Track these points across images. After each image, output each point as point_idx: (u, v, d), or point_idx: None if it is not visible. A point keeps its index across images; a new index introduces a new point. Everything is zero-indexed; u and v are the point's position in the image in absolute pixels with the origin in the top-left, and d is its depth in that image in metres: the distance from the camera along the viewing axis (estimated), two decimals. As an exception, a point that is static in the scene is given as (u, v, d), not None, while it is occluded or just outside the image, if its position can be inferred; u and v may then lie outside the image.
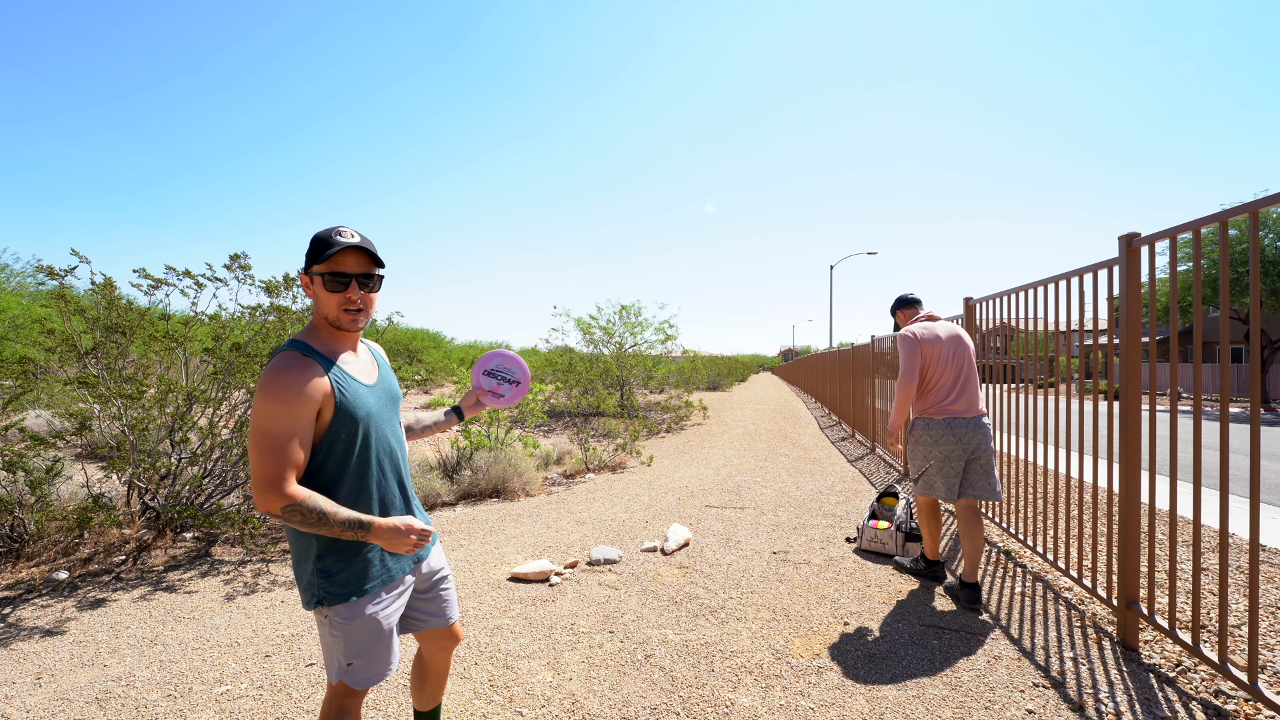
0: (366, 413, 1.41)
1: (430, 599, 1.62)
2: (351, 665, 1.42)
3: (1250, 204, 2.06)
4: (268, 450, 1.26)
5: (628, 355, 14.48)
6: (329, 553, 1.38)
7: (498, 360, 1.93)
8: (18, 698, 2.41)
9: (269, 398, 1.27)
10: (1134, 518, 2.65)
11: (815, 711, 2.20)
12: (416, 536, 1.39)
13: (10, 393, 4.11)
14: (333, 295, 1.37)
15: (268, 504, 1.26)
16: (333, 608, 1.38)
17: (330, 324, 1.41)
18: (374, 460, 1.44)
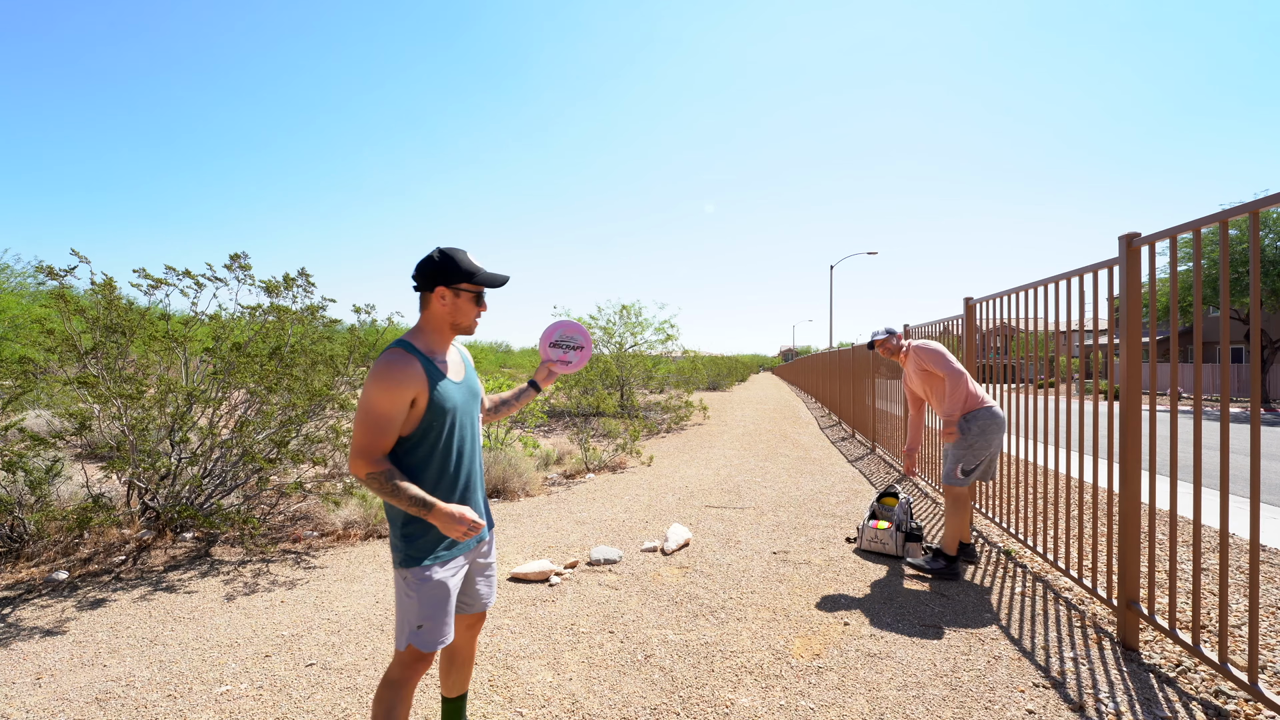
0: (453, 405, 1.62)
1: (478, 584, 1.82)
2: (421, 628, 1.58)
3: (1250, 204, 2.06)
4: (368, 426, 1.50)
5: (628, 355, 14.48)
6: (410, 520, 1.58)
7: (560, 330, 2.10)
8: (18, 698, 2.41)
9: (376, 383, 1.49)
10: (1134, 518, 2.64)
11: (815, 711, 2.20)
12: (467, 526, 1.55)
13: (10, 393, 4.11)
14: (475, 308, 1.65)
15: (356, 469, 1.51)
16: (410, 569, 1.57)
17: (457, 330, 1.66)
18: (456, 448, 1.65)
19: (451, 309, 1.61)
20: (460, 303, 1.62)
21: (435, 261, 1.59)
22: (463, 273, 1.59)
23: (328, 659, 2.62)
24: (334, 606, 3.27)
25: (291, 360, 4.84)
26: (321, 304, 5.37)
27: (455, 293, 1.60)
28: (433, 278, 1.59)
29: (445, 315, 1.62)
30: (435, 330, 1.63)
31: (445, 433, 1.61)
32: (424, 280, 1.60)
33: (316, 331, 5.36)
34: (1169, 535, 2.36)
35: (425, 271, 1.59)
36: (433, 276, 1.59)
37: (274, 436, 4.62)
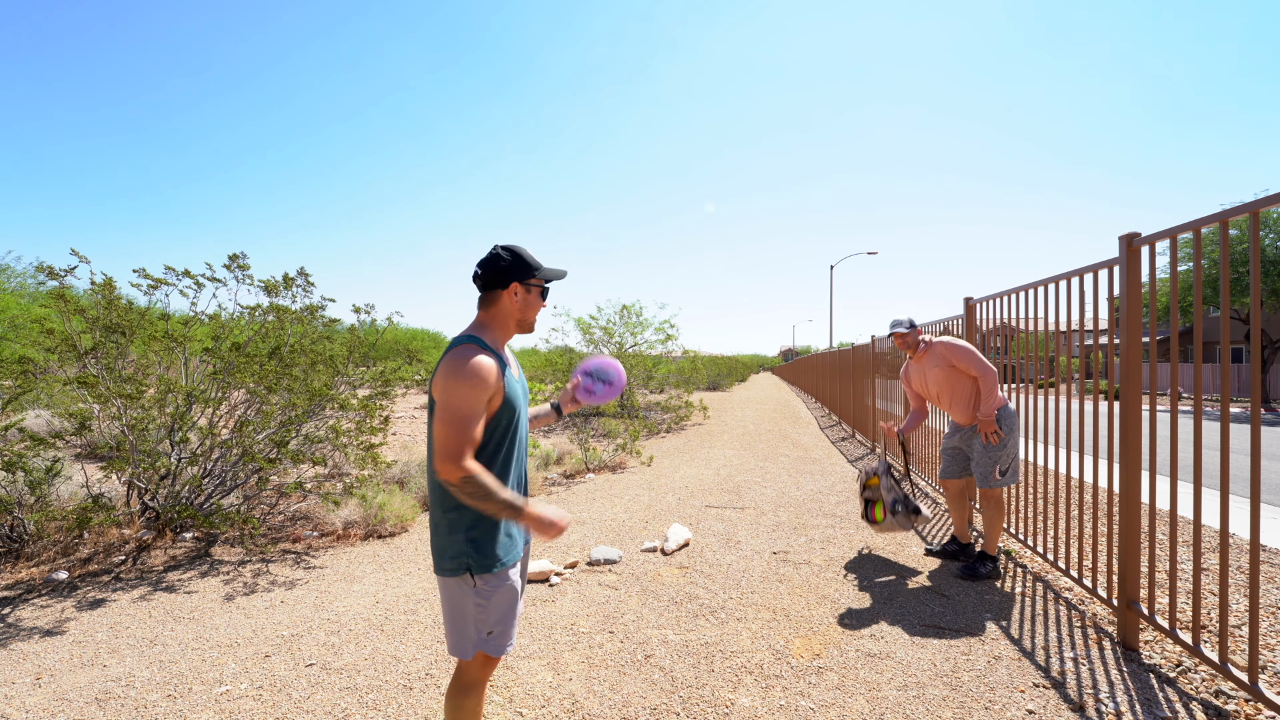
0: (519, 403, 1.64)
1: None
2: (492, 634, 1.57)
3: (1250, 204, 2.06)
4: (458, 426, 1.44)
5: (628, 355, 14.47)
6: (478, 525, 1.54)
7: (598, 363, 2.09)
8: (17, 698, 2.41)
9: (461, 381, 1.45)
10: (1134, 518, 2.64)
11: (815, 711, 2.20)
12: (561, 527, 1.52)
13: (10, 393, 4.10)
14: (540, 304, 1.67)
15: (449, 473, 1.43)
16: (481, 576, 1.53)
17: (522, 327, 1.66)
18: (518, 444, 1.65)
19: (522, 304, 1.63)
20: (530, 298, 1.64)
21: (507, 258, 1.60)
22: (532, 268, 1.62)
23: (327, 659, 2.62)
24: (334, 606, 3.26)
25: (291, 360, 4.84)
26: (321, 304, 5.37)
27: (527, 289, 1.63)
28: (506, 274, 1.60)
29: (514, 311, 1.63)
30: (500, 326, 1.64)
31: (512, 431, 1.61)
32: (496, 277, 1.60)
33: (316, 331, 5.36)
34: (1169, 535, 2.36)
35: (497, 268, 1.60)
36: (506, 273, 1.60)
37: (274, 436, 4.62)
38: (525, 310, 1.64)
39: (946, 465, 3.79)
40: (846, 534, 4.41)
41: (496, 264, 1.60)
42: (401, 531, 4.89)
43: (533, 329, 1.70)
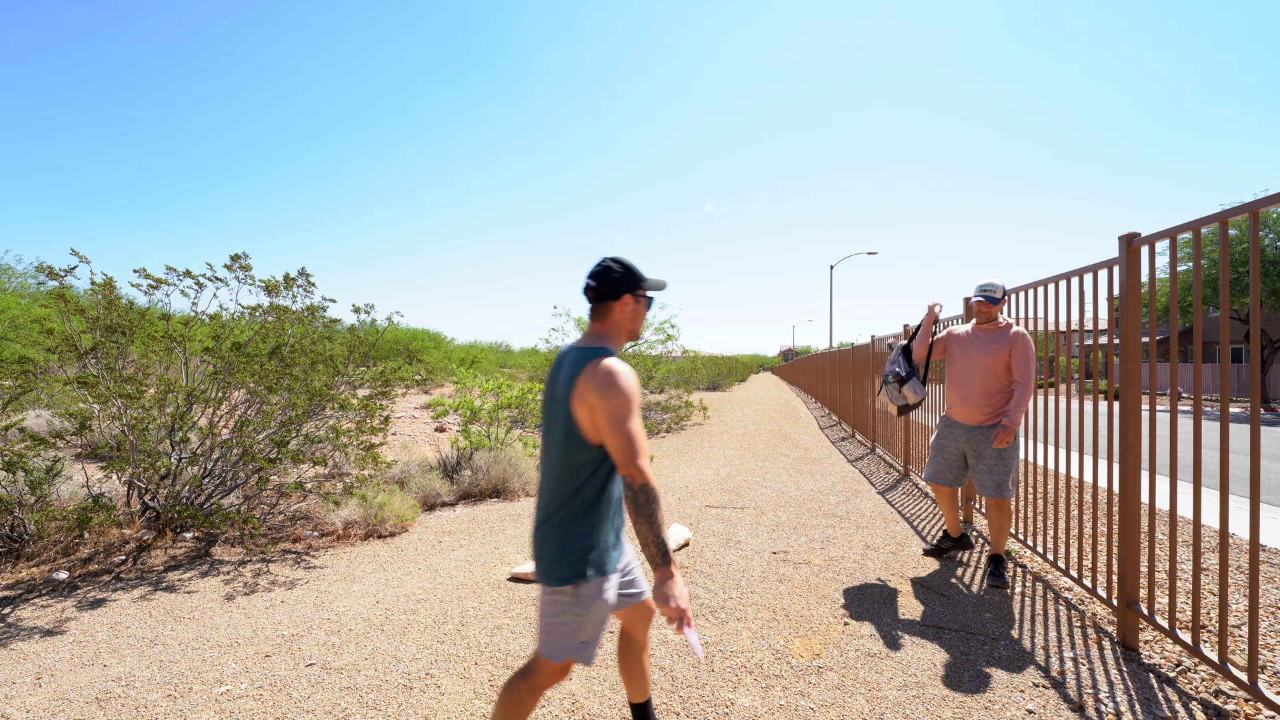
0: None
1: (627, 580, 1.77)
2: (585, 642, 1.58)
3: (1250, 204, 2.06)
4: (635, 431, 1.49)
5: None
6: (595, 534, 1.57)
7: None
8: (18, 697, 2.41)
9: (623, 388, 1.50)
10: (1134, 518, 2.64)
11: (815, 711, 2.20)
12: (675, 611, 1.50)
13: (10, 393, 4.11)
14: (645, 313, 1.73)
15: (644, 477, 1.47)
16: (590, 582, 1.55)
17: (632, 336, 1.71)
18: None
19: (632, 315, 1.68)
20: (639, 309, 1.69)
21: (619, 271, 1.64)
22: (640, 280, 1.67)
23: (328, 659, 2.63)
24: (334, 606, 3.27)
25: (291, 360, 4.85)
26: (321, 304, 5.38)
27: (637, 300, 1.67)
28: (618, 286, 1.64)
29: (626, 322, 1.68)
30: (616, 337, 1.68)
31: None
32: (609, 289, 1.64)
33: (316, 331, 5.36)
34: (1169, 535, 2.36)
35: (610, 280, 1.63)
36: (618, 285, 1.64)
37: (274, 436, 4.62)
38: (635, 320, 1.69)
39: (940, 469, 3.59)
40: (846, 534, 4.41)
41: (609, 276, 1.64)
42: (401, 531, 4.89)
43: (639, 338, 1.74)
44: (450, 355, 22.14)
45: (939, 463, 3.62)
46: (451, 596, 3.31)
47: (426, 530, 4.94)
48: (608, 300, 1.65)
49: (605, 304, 1.65)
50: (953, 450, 3.56)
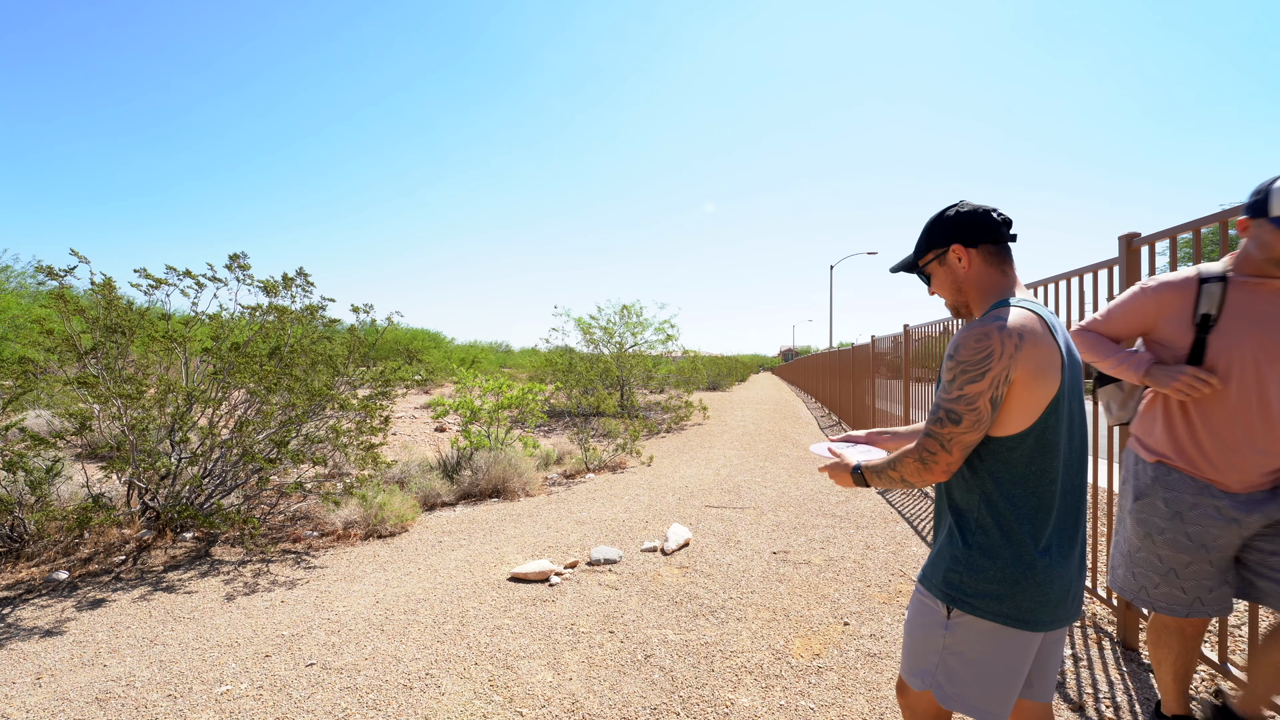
0: None
1: None
2: None
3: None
4: None
5: (628, 355, 14.48)
6: None
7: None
8: (18, 697, 2.41)
9: None
10: (1134, 518, 2.64)
11: (815, 711, 2.20)
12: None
13: (10, 393, 4.11)
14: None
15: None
16: None
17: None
18: None
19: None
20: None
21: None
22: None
23: (328, 659, 2.63)
24: (334, 606, 3.27)
25: (291, 360, 4.85)
26: (321, 304, 5.38)
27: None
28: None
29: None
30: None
31: None
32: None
33: (316, 331, 5.36)
34: (1169, 535, 2.36)
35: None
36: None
37: (274, 436, 4.62)
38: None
39: (1195, 588, 1.77)
40: (846, 534, 4.41)
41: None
42: (401, 531, 4.89)
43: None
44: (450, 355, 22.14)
45: (1195, 577, 1.77)
46: (451, 596, 3.31)
47: (426, 530, 4.94)
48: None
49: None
50: (1223, 544, 1.73)
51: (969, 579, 1.23)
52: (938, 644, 1.28)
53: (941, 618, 1.28)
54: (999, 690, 1.24)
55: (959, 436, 1.19)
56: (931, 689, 1.30)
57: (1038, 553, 1.20)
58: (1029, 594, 1.20)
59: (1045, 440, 1.20)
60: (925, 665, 1.31)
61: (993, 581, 1.21)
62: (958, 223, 1.32)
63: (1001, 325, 1.17)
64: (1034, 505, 1.21)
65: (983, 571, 1.22)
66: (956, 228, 1.32)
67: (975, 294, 1.34)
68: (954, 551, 1.27)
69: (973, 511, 1.25)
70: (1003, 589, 1.21)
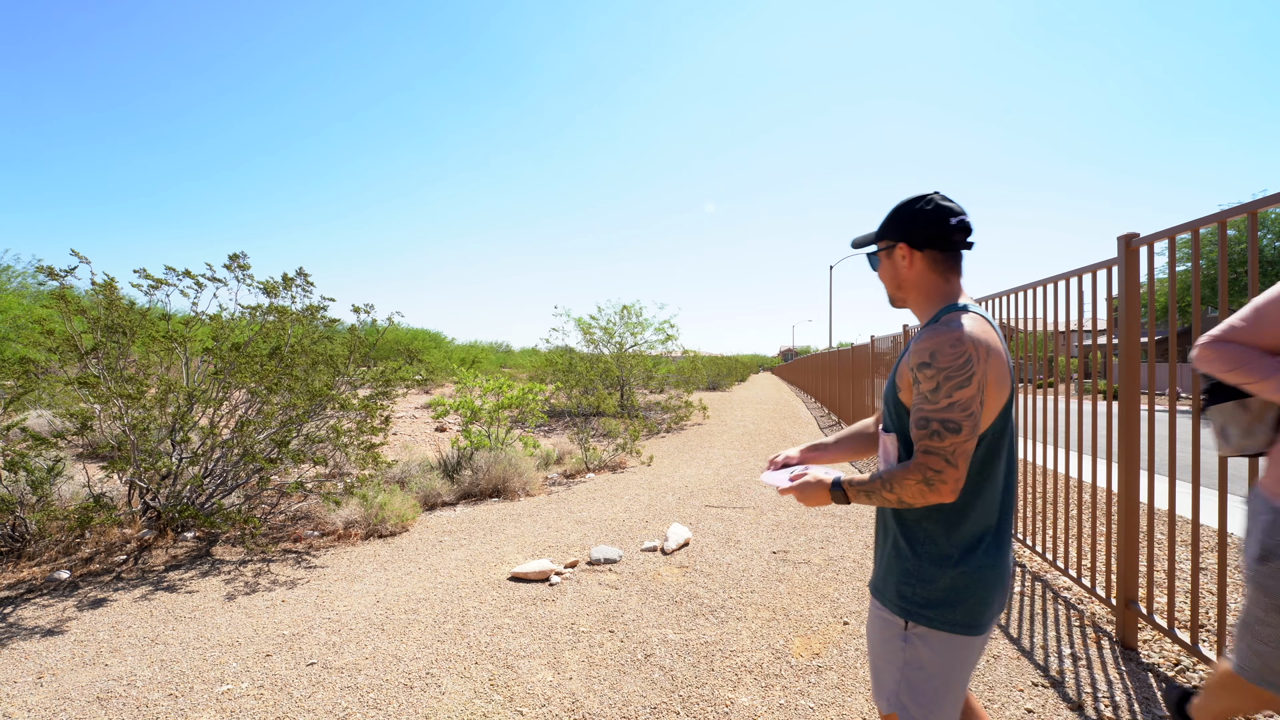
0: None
1: None
2: None
3: (1249, 204, 2.07)
4: None
5: (628, 355, 14.49)
6: None
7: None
8: (19, 697, 2.42)
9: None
10: (1133, 517, 2.65)
11: (815, 711, 2.21)
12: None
13: (12, 393, 4.11)
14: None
15: None
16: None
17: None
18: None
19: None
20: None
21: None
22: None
23: (328, 658, 2.63)
24: (334, 606, 3.27)
25: (291, 360, 4.85)
26: (321, 304, 5.39)
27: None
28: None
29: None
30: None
31: None
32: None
33: (316, 331, 5.37)
34: (1168, 535, 2.37)
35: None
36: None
37: (275, 436, 4.63)
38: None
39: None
40: (846, 534, 4.41)
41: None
42: (402, 531, 4.89)
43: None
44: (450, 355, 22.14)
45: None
46: (452, 596, 3.32)
47: (427, 530, 4.95)
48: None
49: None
50: None
51: (921, 590, 1.22)
52: (898, 659, 1.26)
53: (899, 630, 1.26)
54: (956, 701, 1.24)
55: (961, 447, 1.12)
56: (897, 711, 1.26)
57: (984, 556, 1.20)
58: (977, 598, 1.20)
59: (995, 446, 1.21)
60: (890, 685, 1.28)
61: (944, 590, 1.20)
62: (911, 221, 1.28)
63: (970, 332, 1.16)
64: (982, 511, 1.21)
65: (933, 581, 1.21)
66: (908, 226, 1.29)
67: (915, 294, 1.32)
68: (904, 564, 1.25)
69: (921, 522, 1.23)
70: (954, 596, 1.20)
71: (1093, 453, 2.97)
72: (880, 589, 1.31)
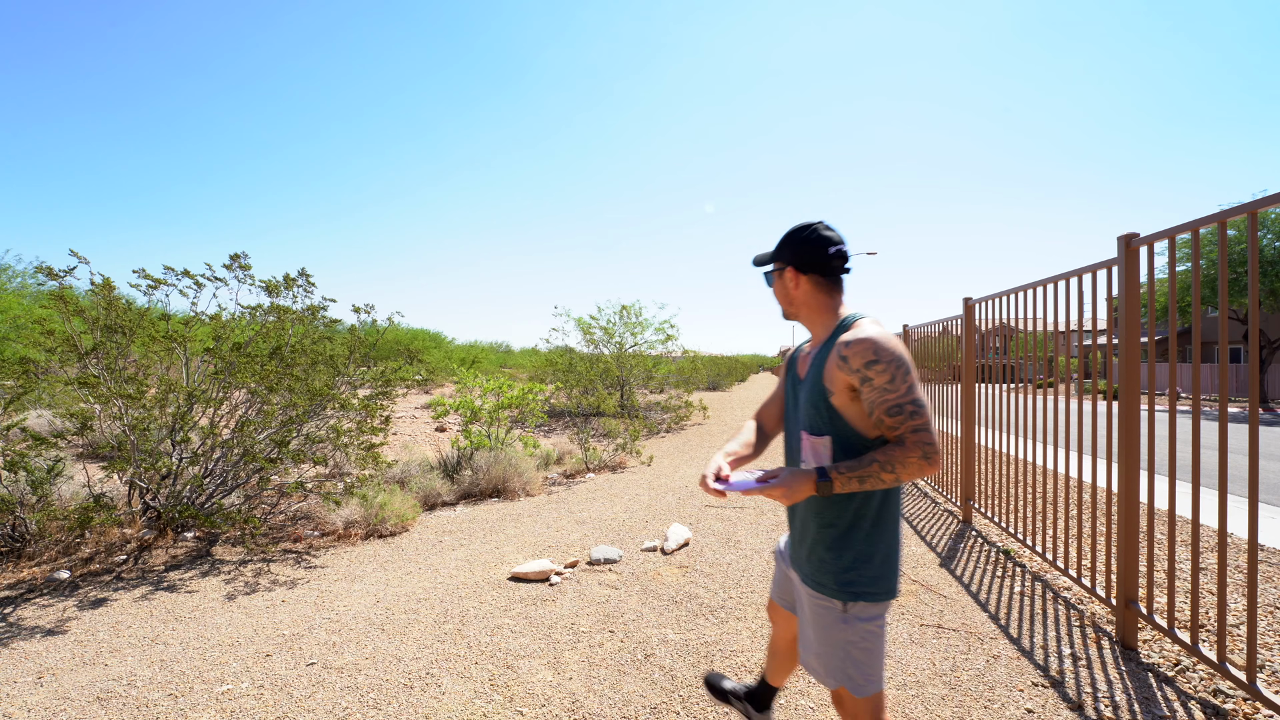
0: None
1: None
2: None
3: (1249, 204, 2.07)
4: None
5: (628, 355, 14.49)
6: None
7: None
8: (19, 697, 2.42)
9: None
10: (1133, 517, 2.65)
11: (815, 711, 2.21)
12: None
13: (12, 393, 4.11)
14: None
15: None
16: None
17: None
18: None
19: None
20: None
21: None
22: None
23: (328, 658, 2.63)
24: (335, 606, 3.27)
25: (292, 360, 4.85)
26: (322, 304, 5.39)
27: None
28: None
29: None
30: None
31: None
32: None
33: (317, 331, 5.37)
34: (1168, 535, 2.37)
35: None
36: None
37: (275, 436, 4.63)
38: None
39: None
40: (846, 534, 4.41)
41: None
42: (402, 531, 4.89)
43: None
44: (451, 355, 22.14)
45: None
46: (452, 596, 3.32)
47: (427, 530, 4.95)
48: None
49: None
50: None
51: (858, 570, 1.38)
52: (840, 639, 1.40)
53: (839, 613, 1.40)
54: (883, 658, 1.43)
55: (930, 420, 1.31)
56: (844, 684, 1.40)
57: (897, 531, 1.43)
58: (894, 567, 1.41)
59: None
60: (834, 663, 1.41)
61: (877, 566, 1.39)
62: (798, 249, 1.47)
63: (886, 332, 1.35)
64: (895, 491, 1.42)
65: (869, 560, 1.38)
66: (794, 253, 1.47)
67: (805, 310, 1.51)
68: (841, 551, 1.39)
69: (852, 508, 1.39)
70: (883, 569, 1.39)
71: (1093, 453, 2.97)
72: (819, 582, 1.43)
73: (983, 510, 4.47)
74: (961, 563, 3.75)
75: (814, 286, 1.47)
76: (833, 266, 1.45)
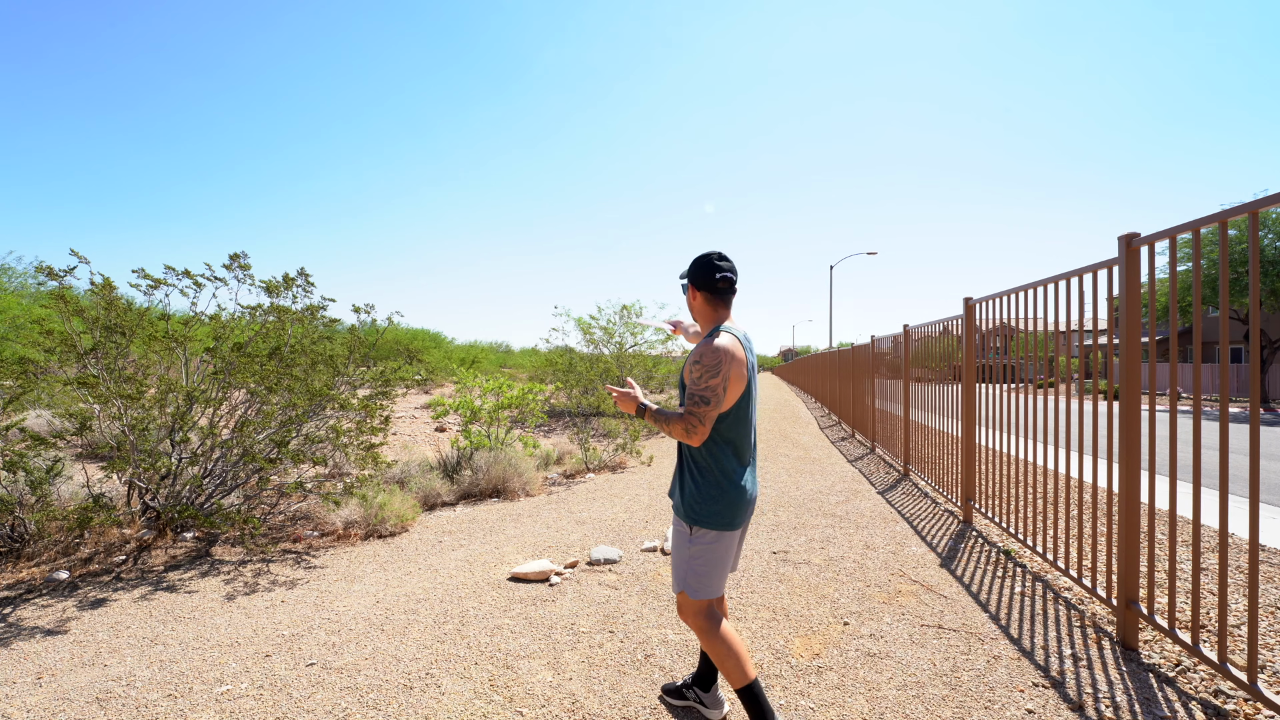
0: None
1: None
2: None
3: (1250, 204, 2.07)
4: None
5: (628, 355, 14.48)
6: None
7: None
8: (18, 697, 2.42)
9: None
10: (1134, 518, 2.65)
11: (815, 711, 2.20)
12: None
13: (11, 393, 4.11)
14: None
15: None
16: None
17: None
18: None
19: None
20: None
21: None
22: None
23: (328, 659, 2.63)
24: (334, 606, 3.27)
25: (291, 360, 4.85)
26: (321, 304, 5.38)
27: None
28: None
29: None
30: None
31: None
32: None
33: (316, 331, 5.36)
34: (1168, 535, 2.36)
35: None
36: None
37: (274, 436, 4.62)
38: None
39: None
40: (846, 534, 4.41)
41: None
42: (402, 531, 4.89)
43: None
44: (450, 355, 22.13)
45: None
46: (451, 596, 3.31)
47: (426, 530, 4.94)
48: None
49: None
50: None
51: (702, 505, 1.90)
52: (685, 555, 1.94)
53: (687, 534, 1.93)
54: (720, 573, 1.95)
55: (708, 413, 1.81)
56: (685, 589, 1.94)
57: (739, 481, 1.92)
58: (734, 507, 1.91)
59: (741, 414, 1.92)
60: (680, 572, 1.95)
61: (716, 503, 1.89)
62: (696, 272, 1.97)
63: (722, 344, 1.84)
64: (735, 452, 1.93)
65: (711, 499, 1.89)
66: (694, 274, 1.97)
67: (700, 319, 2.05)
68: (694, 489, 1.92)
69: (703, 461, 1.92)
70: (721, 507, 1.89)
71: (1093, 453, 2.97)
72: (678, 507, 1.98)
73: (983, 510, 4.47)
74: (962, 563, 3.75)
75: (706, 301, 1.98)
76: (718, 288, 1.94)
